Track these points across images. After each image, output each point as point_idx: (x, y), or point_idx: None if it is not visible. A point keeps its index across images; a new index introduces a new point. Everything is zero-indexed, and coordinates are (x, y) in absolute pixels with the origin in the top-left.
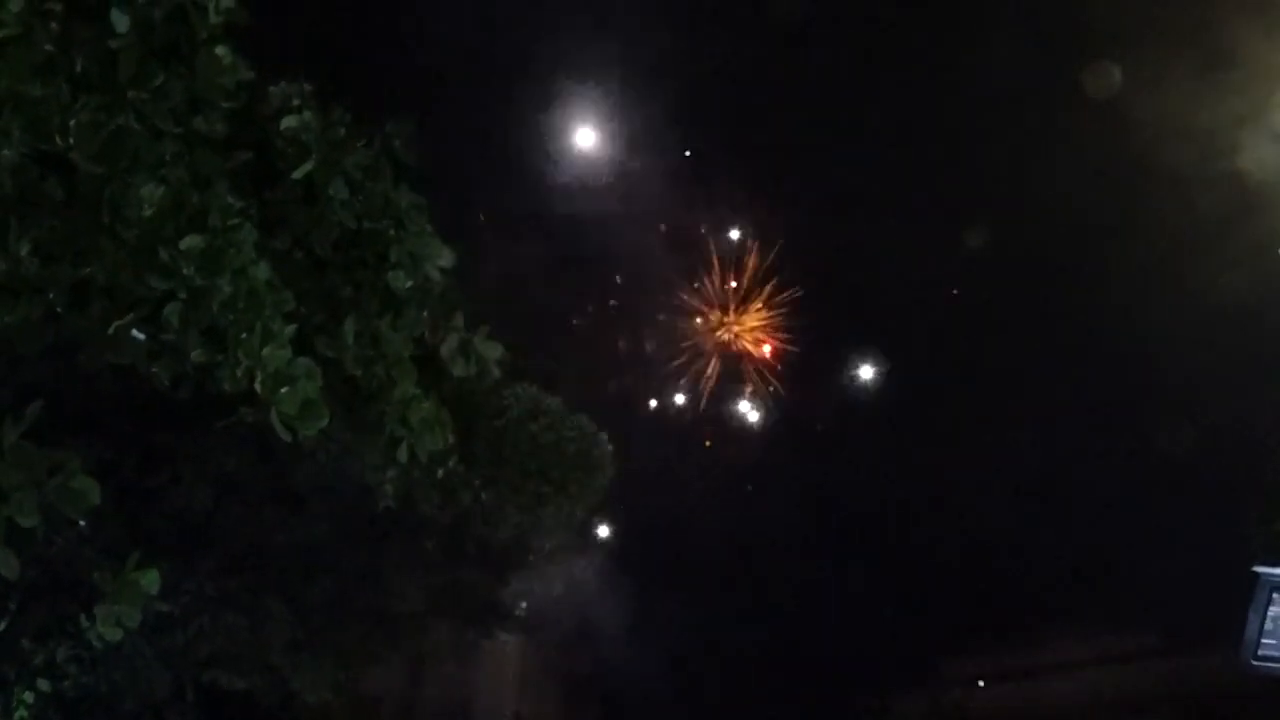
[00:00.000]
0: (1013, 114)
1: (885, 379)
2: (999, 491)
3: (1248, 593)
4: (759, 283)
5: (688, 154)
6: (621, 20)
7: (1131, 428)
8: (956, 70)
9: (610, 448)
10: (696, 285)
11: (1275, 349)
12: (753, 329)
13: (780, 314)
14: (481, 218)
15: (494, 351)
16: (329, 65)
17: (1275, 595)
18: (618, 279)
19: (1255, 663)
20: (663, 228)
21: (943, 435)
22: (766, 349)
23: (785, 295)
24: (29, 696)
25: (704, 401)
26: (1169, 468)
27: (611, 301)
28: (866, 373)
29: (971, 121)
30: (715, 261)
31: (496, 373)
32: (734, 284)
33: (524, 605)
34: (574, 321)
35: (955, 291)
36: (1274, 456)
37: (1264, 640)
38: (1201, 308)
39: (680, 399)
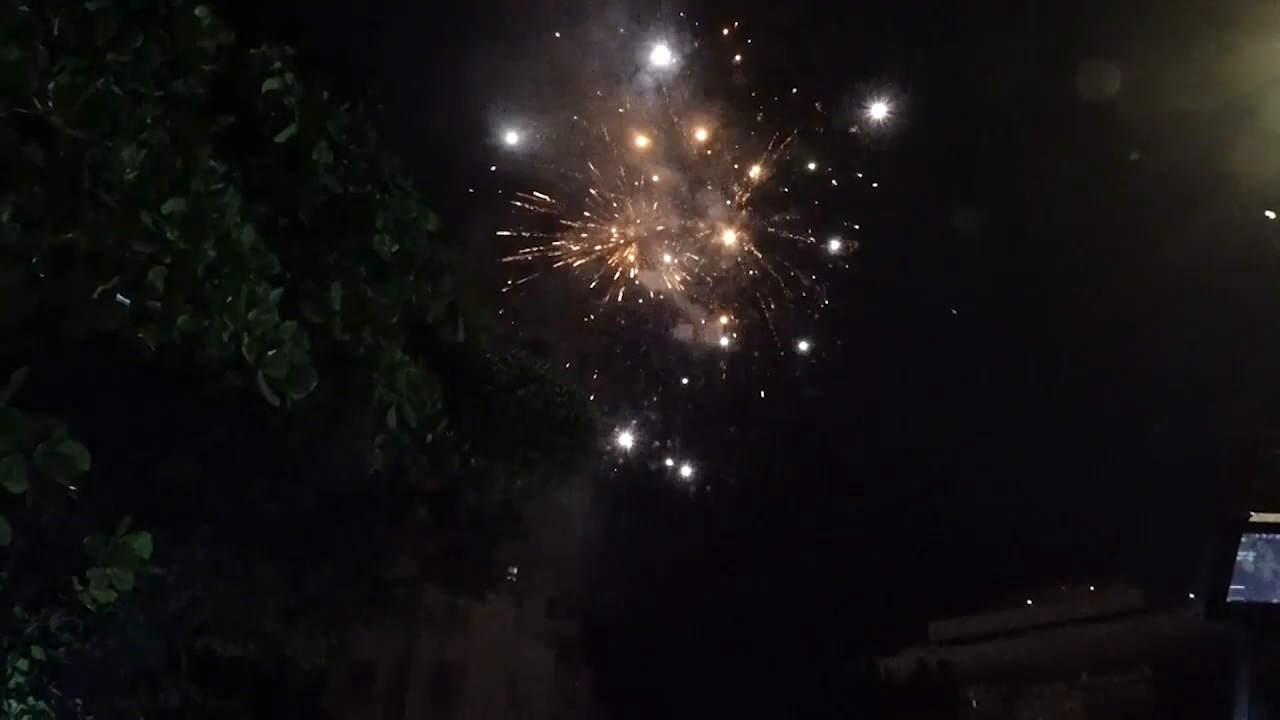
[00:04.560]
0: (1009, 113)
1: (884, 354)
2: (986, 460)
3: (1215, 539)
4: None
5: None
6: None
7: (1119, 398)
8: (952, 70)
9: (599, 413)
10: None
11: (1263, 337)
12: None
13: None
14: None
15: (482, 317)
16: (311, 27)
17: (1243, 539)
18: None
19: (1222, 608)
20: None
21: (935, 408)
22: None
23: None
24: (23, 664)
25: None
26: (1152, 436)
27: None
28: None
29: (968, 121)
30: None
31: (485, 338)
32: None
33: (514, 571)
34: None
35: (953, 281)
36: (1246, 431)
37: (1233, 586)
38: (1191, 300)
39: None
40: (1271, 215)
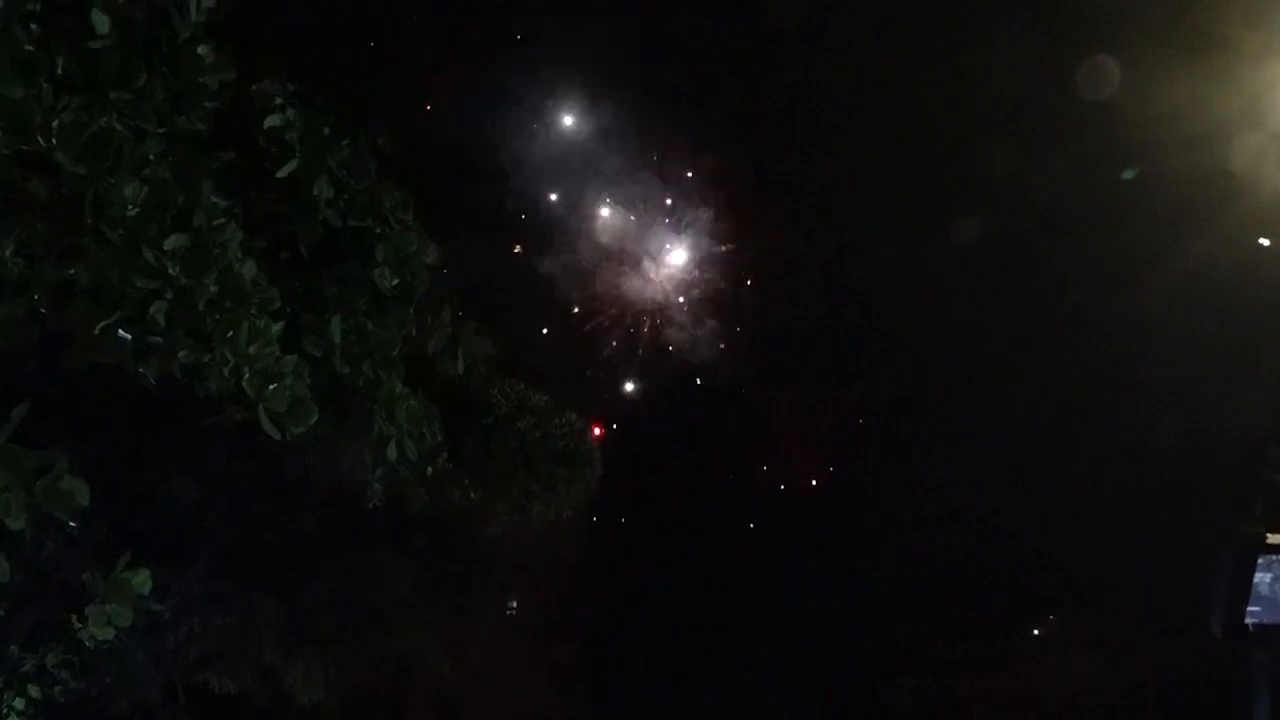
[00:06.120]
0: (1005, 110)
1: (872, 367)
2: (986, 478)
3: (1232, 560)
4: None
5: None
6: (605, 10)
7: (1120, 416)
8: (947, 67)
9: (597, 445)
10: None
11: (1261, 342)
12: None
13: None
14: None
15: (481, 348)
16: (312, 62)
17: (1260, 561)
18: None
19: (1239, 630)
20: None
21: (931, 422)
22: None
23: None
24: (19, 703)
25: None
26: (1153, 455)
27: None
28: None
29: (964, 117)
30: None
31: (484, 370)
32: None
33: (514, 605)
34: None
35: (945, 284)
36: (1251, 453)
37: (1250, 608)
38: (1190, 305)
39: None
40: (1266, 242)
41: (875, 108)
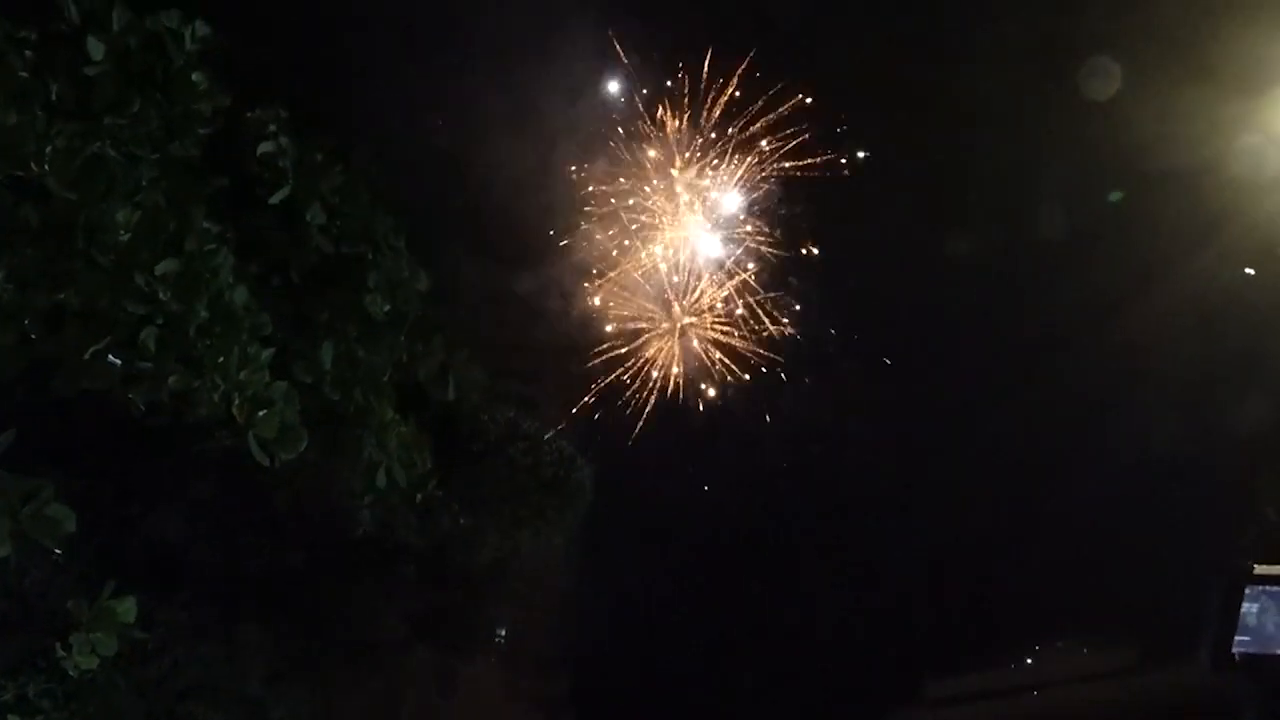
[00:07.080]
0: (1006, 114)
1: (873, 388)
2: (981, 509)
3: (1220, 591)
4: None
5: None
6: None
7: (1118, 435)
8: (949, 71)
9: (589, 471)
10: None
11: (1251, 371)
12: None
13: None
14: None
15: (474, 375)
16: (305, 90)
17: (1247, 592)
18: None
19: (1227, 660)
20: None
21: (927, 457)
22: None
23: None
24: None
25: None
26: (1141, 485)
27: None
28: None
29: (965, 121)
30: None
31: (476, 397)
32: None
33: (503, 633)
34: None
35: (944, 290)
36: (1249, 475)
37: (1237, 638)
38: (1192, 312)
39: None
40: (1251, 272)
41: (881, 113)
